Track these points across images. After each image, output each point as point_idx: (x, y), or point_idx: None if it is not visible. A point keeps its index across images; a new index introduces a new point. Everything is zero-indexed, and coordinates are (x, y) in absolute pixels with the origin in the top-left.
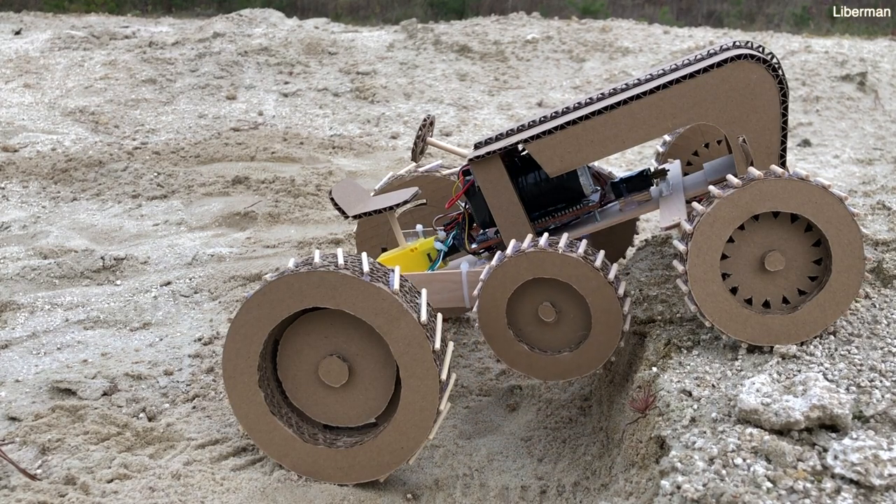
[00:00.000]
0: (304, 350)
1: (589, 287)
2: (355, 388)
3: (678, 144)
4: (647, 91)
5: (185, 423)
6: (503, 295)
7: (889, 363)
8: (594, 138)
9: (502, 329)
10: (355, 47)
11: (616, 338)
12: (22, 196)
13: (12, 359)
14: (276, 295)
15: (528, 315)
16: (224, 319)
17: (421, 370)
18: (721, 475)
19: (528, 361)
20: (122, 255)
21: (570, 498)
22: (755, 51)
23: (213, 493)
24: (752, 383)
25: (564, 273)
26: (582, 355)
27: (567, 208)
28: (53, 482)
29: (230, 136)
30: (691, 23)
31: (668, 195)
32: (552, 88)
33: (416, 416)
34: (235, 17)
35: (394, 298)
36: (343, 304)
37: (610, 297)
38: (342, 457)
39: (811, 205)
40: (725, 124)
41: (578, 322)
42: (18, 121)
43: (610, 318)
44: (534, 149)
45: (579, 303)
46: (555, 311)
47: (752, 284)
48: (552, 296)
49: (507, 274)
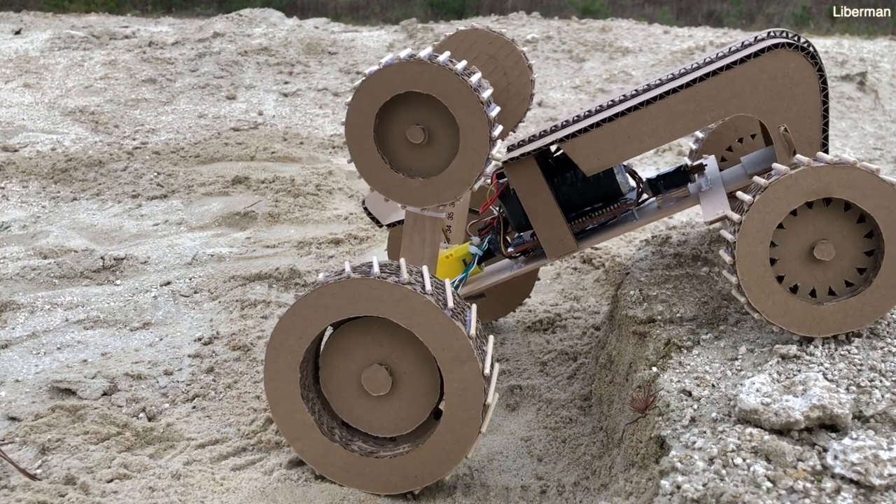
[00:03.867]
0: (351, 352)
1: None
2: (393, 399)
3: (711, 140)
4: (684, 84)
5: (185, 423)
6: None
7: (889, 363)
8: (631, 134)
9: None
10: (355, 47)
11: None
12: (22, 196)
13: (12, 359)
14: (350, 292)
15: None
16: (224, 319)
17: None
18: (721, 475)
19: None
20: (122, 255)
21: (570, 498)
22: (792, 39)
23: (213, 493)
24: (752, 383)
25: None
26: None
27: (604, 208)
28: (53, 482)
29: (230, 135)
30: (691, 23)
31: (707, 190)
32: (552, 88)
33: (453, 439)
34: (235, 16)
35: (458, 329)
36: (394, 315)
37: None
38: (353, 461)
39: (864, 192)
40: (765, 115)
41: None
42: (18, 121)
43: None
44: (570, 148)
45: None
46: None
47: (799, 273)
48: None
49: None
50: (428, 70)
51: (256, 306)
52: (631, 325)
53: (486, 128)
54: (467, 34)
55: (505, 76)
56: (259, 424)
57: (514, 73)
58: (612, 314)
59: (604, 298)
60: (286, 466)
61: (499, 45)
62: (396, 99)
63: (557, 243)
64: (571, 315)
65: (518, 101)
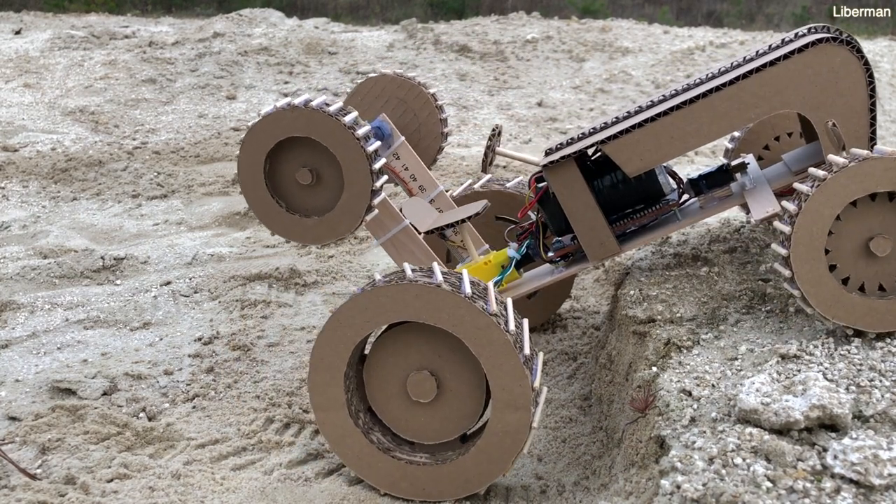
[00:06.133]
0: (406, 351)
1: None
2: (429, 408)
3: (748, 139)
4: (728, 82)
5: (185, 422)
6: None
7: (889, 363)
8: (674, 134)
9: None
10: (355, 47)
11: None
12: (22, 196)
13: (12, 358)
14: (437, 303)
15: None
16: (224, 319)
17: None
18: (721, 475)
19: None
20: (122, 255)
21: (570, 498)
22: (835, 34)
23: (213, 493)
24: (752, 383)
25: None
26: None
27: (646, 209)
28: (53, 482)
29: (230, 135)
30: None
31: (752, 188)
32: (552, 88)
33: (475, 471)
34: (235, 16)
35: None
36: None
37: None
38: (368, 451)
39: None
40: (811, 110)
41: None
42: (18, 120)
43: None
44: (612, 149)
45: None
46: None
47: (853, 266)
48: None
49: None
50: (303, 115)
51: (256, 306)
52: (631, 325)
53: (365, 162)
54: (377, 80)
55: (415, 117)
56: (259, 424)
57: (424, 114)
58: (612, 314)
59: (604, 298)
60: (286, 466)
61: (407, 89)
62: (283, 145)
63: (599, 246)
64: (571, 315)
65: (430, 139)
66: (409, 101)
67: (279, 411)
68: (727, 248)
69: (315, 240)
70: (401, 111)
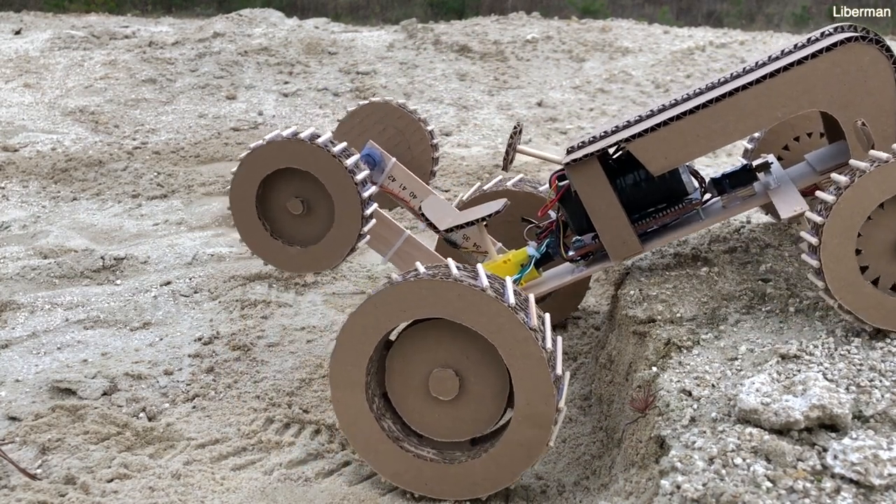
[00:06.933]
0: (431, 347)
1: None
2: (446, 406)
3: (767, 140)
4: (755, 80)
5: (185, 422)
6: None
7: (889, 363)
8: (700, 133)
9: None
10: (355, 47)
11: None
12: (22, 196)
13: (12, 358)
14: (475, 305)
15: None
16: (224, 319)
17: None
18: (721, 475)
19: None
20: (122, 255)
21: (570, 498)
22: (863, 33)
23: (213, 493)
24: (752, 383)
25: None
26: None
27: (669, 208)
28: (53, 482)
29: (230, 135)
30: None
31: (776, 187)
32: (552, 88)
33: (482, 479)
34: (235, 16)
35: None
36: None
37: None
38: (377, 438)
39: None
40: (838, 109)
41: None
42: (18, 121)
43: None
44: (636, 147)
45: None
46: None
47: (882, 266)
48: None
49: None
50: (307, 150)
51: (256, 306)
52: (631, 325)
53: (359, 207)
54: (381, 106)
55: (409, 150)
56: (259, 424)
57: (418, 149)
58: (612, 314)
59: (604, 298)
60: (286, 466)
61: (406, 122)
62: (278, 171)
63: (622, 245)
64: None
65: (419, 175)
66: (406, 134)
67: (279, 411)
68: (727, 248)
69: (294, 268)
70: (397, 140)
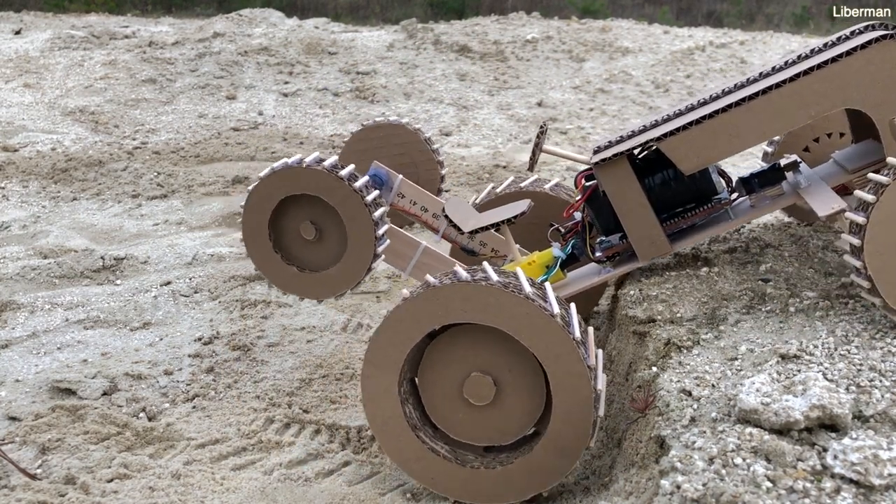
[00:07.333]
0: (468, 352)
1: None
2: (476, 411)
3: (787, 142)
4: (787, 79)
5: (185, 422)
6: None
7: (889, 363)
8: (732, 132)
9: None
10: (355, 47)
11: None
12: (22, 196)
13: (12, 359)
14: (519, 311)
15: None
16: (224, 319)
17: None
18: (721, 475)
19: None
20: (122, 255)
21: (570, 498)
22: (893, 31)
23: (213, 493)
24: (752, 383)
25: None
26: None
27: (698, 208)
28: (53, 482)
29: (230, 135)
30: (691, 22)
31: (807, 186)
32: (552, 88)
33: (487, 490)
34: (235, 17)
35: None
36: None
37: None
38: (394, 420)
39: None
40: (872, 107)
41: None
42: (18, 121)
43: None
44: (667, 146)
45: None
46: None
47: None
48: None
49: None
50: (317, 175)
51: (256, 306)
52: (631, 325)
53: (371, 229)
54: (392, 126)
55: (416, 169)
56: (259, 424)
57: (424, 168)
58: (612, 314)
59: (604, 298)
60: (286, 466)
61: (414, 142)
62: (291, 197)
63: (650, 245)
64: None
65: (428, 190)
66: (413, 155)
67: (279, 411)
68: (727, 248)
69: (307, 293)
70: (406, 160)
